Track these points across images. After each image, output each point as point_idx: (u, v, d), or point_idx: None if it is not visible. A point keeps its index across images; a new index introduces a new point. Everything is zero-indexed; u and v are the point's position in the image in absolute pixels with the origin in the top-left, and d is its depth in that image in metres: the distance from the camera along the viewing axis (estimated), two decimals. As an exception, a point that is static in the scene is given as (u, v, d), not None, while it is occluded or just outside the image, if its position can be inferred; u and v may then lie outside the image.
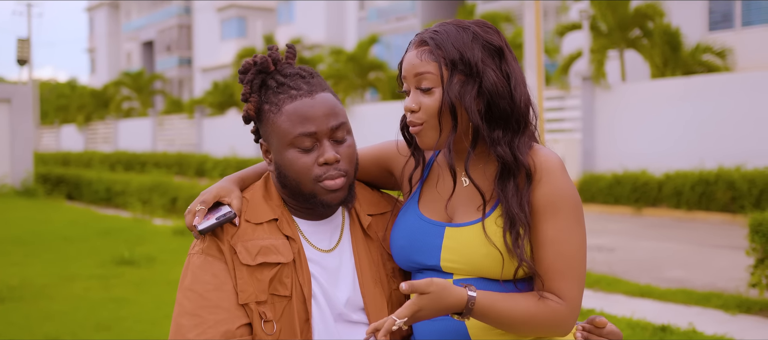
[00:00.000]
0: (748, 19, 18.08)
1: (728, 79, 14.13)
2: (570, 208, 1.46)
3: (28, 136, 17.62)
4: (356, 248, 1.60)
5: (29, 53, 24.83)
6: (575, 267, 1.44)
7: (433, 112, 1.47)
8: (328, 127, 1.51)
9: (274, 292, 1.50)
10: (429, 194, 1.58)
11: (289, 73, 1.56)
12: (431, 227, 1.52)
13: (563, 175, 1.47)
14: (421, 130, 1.49)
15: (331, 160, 1.50)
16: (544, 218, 1.45)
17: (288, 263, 1.52)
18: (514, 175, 1.47)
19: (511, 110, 1.47)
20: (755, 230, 5.55)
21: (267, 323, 1.49)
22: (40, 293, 6.25)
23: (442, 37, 1.48)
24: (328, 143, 1.51)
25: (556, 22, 22.06)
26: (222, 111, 29.39)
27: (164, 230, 10.18)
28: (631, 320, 5.15)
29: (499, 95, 1.46)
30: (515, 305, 1.42)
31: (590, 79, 15.67)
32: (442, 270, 1.49)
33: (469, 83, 1.46)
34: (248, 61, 1.57)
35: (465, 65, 1.46)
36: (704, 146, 13.47)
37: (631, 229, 11.05)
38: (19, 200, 15.28)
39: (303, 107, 1.50)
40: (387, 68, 23.57)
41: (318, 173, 1.50)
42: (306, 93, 1.51)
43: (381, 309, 1.56)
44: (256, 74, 1.56)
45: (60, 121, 42.07)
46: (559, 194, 1.45)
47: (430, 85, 1.47)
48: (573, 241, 1.45)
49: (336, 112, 1.53)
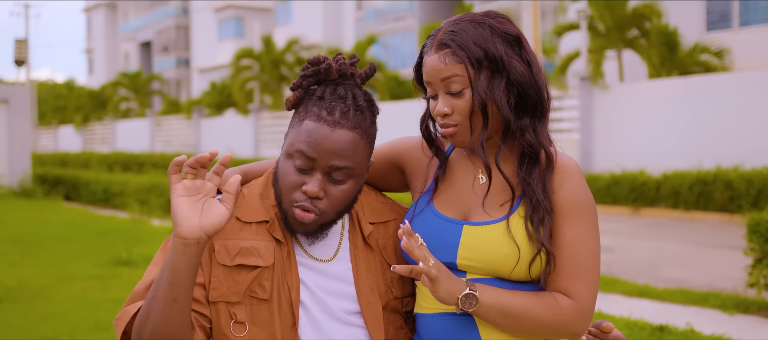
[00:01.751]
0: (746, 19, 18.11)
1: (726, 79, 14.15)
2: (588, 212, 1.47)
3: (26, 137, 17.60)
4: (355, 257, 1.56)
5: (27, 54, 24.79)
6: (589, 270, 1.44)
7: (466, 113, 1.46)
8: (328, 163, 1.45)
9: (253, 294, 1.48)
10: (444, 192, 1.57)
11: (338, 94, 1.50)
12: (448, 224, 1.51)
13: (582, 179, 1.49)
14: (456, 131, 1.48)
15: (311, 194, 1.45)
16: (563, 220, 1.46)
17: (268, 266, 1.49)
18: (537, 160, 1.48)
19: (538, 97, 1.48)
20: (753, 229, 5.56)
21: (237, 323, 1.46)
22: (37, 293, 6.25)
23: (462, 37, 1.46)
24: (319, 177, 1.46)
25: (553, 22, 22.08)
26: (220, 111, 29.38)
27: (162, 231, 10.17)
28: (629, 320, 5.15)
29: (527, 85, 1.46)
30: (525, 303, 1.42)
31: (588, 79, 15.69)
32: (458, 268, 1.49)
33: (496, 78, 1.45)
34: (319, 58, 1.53)
35: (490, 61, 1.45)
36: (702, 146, 13.48)
37: (629, 229, 11.06)
38: (17, 201, 15.26)
39: (318, 132, 1.45)
40: (385, 69, 23.58)
41: (296, 197, 1.47)
42: (332, 122, 1.45)
43: (378, 319, 1.53)
44: (315, 73, 1.52)
45: (58, 121, 42.04)
46: (578, 198, 1.47)
47: (459, 88, 1.46)
48: (588, 245, 1.45)
49: (344, 155, 1.45)
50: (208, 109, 29.54)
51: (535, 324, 1.43)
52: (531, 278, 1.46)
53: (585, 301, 1.44)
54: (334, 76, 1.52)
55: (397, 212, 1.66)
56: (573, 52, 16.95)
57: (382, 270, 1.57)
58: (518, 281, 1.47)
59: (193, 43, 40.98)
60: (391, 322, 1.56)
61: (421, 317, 1.54)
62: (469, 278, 1.47)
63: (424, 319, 1.53)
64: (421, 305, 1.54)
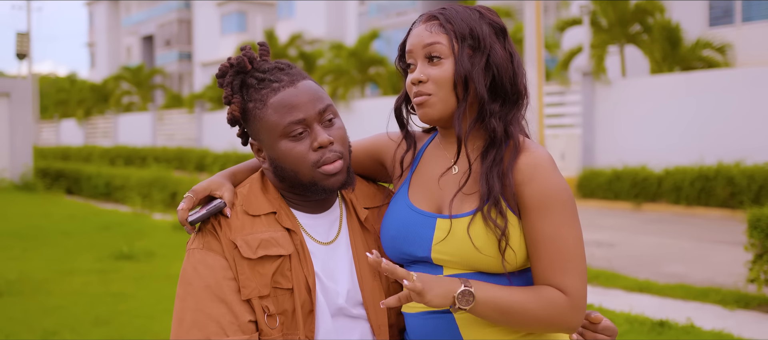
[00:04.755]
0: (749, 15, 18.07)
1: (728, 74, 14.12)
2: (563, 203, 1.45)
3: (28, 131, 17.62)
4: (354, 241, 1.59)
5: (29, 47, 24.79)
6: (575, 261, 1.44)
7: (442, 83, 1.48)
8: (315, 111, 1.51)
9: (276, 285, 1.50)
10: (419, 184, 1.57)
11: (267, 69, 1.56)
12: (422, 217, 1.51)
13: (553, 171, 1.47)
14: (428, 100, 1.49)
15: (325, 143, 1.50)
16: (538, 215, 1.44)
17: (288, 255, 1.51)
18: (500, 148, 1.48)
19: (512, 86, 1.51)
20: (754, 225, 5.56)
21: (270, 317, 1.48)
22: (39, 287, 6.26)
23: (452, 13, 1.51)
24: (318, 127, 1.51)
25: (556, 18, 22.03)
26: (222, 106, 29.30)
27: (164, 225, 10.18)
28: (629, 314, 5.15)
29: (504, 70, 1.49)
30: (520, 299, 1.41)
31: (590, 75, 15.66)
32: (433, 262, 1.48)
33: (477, 56, 1.49)
34: (224, 64, 1.57)
35: (474, 39, 1.49)
36: (704, 142, 13.46)
37: (630, 224, 11.06)
38: (19, 195, 15.28)
39: (288, 97, 1.51)
40: (387, 63, 23.54)
41: (315, 159, 1.50)
42: (288, 83, 1.52)
43: (380, 303, 1.55)
44: (235, 75, 1.56)
45: (59, 115, 42.05)
46: (550, 190, 1.45)
47: (439, 55, 1.49)
48: (570, 236, 1.44)
49: (321, 97, 1.53)
50: (210, 103, 29.52)
51: (531, 320, 1.42)
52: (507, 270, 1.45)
53: (578, 294, 1.44)
54: (249, 66, 1.57)
55: (388, 196, 1.70)
56: (575, 48, 16.92)
57: (381, 254, 1.61)
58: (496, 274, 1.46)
59: (196, 37, 40.94)
60: (392, 309, 1.59)
61: (407, 316, 1.55)
62: (446, 273, 1.47)
63: (409, 318, 1.54)
64: (407, 304, 1.55)
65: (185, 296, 1.49)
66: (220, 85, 1.57)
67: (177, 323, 1.48)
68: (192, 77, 41.51)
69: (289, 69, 1.56)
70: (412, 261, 1.52)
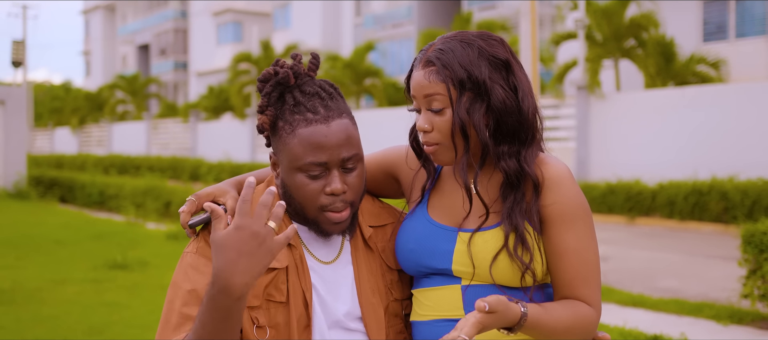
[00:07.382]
0: (742, 31, 18.18)
1: (722, 89, 14.20)
2: (584, 215, 1.48)
3: (22, 139, 17.57)
4: (356, 259, 1.59)
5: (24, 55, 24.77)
6: (595, 273, 1.48)
7: (446, 132, 1.48)
8: (339, 157, 1.48)
9: (269, 297, 1.49)
10: (438, 201, 1.58)
11: (308, 92, 1.51)
12: (442, 231, 1.53)
13: (573, 184, 1.50)
14: (437, 150, 1.50)
15: (338, 192, 1.48)
16: (561, 228, 1.46)
17: (283, 268, 1.51)
18: (518, 186, 1.48)
19: (519, 124, 1.49)
20: (747, 240, 5.57)
21: (259, 328, 1.48)
22: (31, 296, 6.23)
23: (449, 57, 1.47)
24: (336, 173, 1.48)
25: (551, 31, 22.13)
26: (217, 115, 29.35)
27: (157, 234, 10.15)
28: (623, 329, 5.15)
29: (507, 112, 1.47)
30: (558, 316, 1.42)
31: (585, 88, 15.73)
32: (453, 274, 1.50)
33: (477, 101, 1.46)
34: (269, 72, 1.53)
35: (473, 84, 1.46)
36: (698, 157, 13.52)
37: (624, 238, 11.07)
38: (12, 203, 15.22)
39: (317, 135, 1.46)
40: (383, 75, 23.60)
41: (324, 203, 1.49)
42: (322, 118, 1.47)
43: (379, 320, 1.55)
44: (275, 86, 1.52)
45: (54, 123, 41.96)
46: (572, 203, 1.47)
47: (440, 107, 1.48)
48: (591, 247, 1.48)
49: (350, 143, 1.49)
50: (205, 113, 29.52)
51: (562, 333, 1.44)
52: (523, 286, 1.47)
53: (599, 306, 1.48)
54: (293, 80, 1.52)
55: (394, 215, 1.69)
56: (570, 61, 16.99)
57: (382, 272, 1.60)
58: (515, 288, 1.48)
59: (191, 46, 40.96)
60: (391, 325, 1.58)
61: (416, 324, 1.56)
62: (464, 284, 1.48)
63: (420, 326, 1.55)
64: (417, 312, 1.55)
65: (173, 298, 1.49)
66: (259, 90, 1.54)
67: (163, 322, 1.48)
68: (187, 87, 41.50)
69: (329, 100, 1.51)
70: (431, 273, 1.53)
